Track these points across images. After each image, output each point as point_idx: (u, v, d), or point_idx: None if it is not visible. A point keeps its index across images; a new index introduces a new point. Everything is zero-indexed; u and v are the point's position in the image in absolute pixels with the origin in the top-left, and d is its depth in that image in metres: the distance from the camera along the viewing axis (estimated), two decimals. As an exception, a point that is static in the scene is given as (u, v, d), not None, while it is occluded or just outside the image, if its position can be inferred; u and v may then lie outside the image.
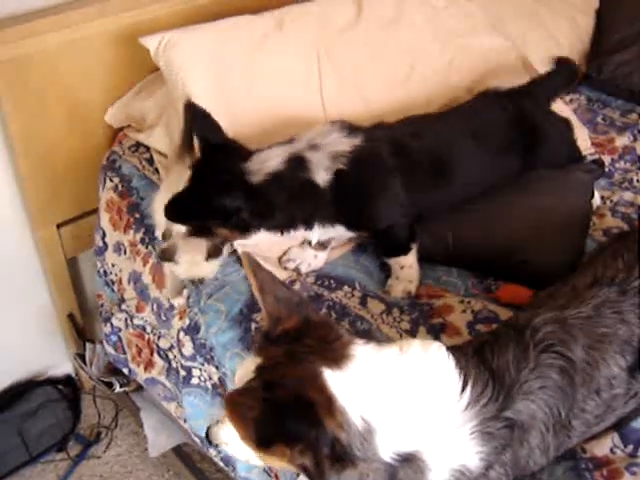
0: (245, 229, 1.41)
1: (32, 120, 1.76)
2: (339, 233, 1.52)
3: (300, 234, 1.48)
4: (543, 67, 1.98)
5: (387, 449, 0.91)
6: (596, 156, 1.88)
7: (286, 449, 0.89)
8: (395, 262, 1.53)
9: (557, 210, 1.58)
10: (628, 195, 1.76)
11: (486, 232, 1.57)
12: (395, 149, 1.48)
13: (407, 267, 1.53)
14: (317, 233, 1.50)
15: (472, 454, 0.96)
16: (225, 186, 1.37)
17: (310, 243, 1.58)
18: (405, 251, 1.52)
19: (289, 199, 1.40)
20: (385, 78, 1.80)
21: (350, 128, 1.48)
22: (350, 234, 1.54)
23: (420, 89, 1.82)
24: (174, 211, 1.38)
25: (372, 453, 0.91)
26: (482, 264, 1.57)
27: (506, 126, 1.62)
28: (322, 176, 1.41)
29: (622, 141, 1.97)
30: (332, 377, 0.91)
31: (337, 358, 0.92)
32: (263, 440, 0.90)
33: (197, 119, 1.45)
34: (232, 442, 1.03)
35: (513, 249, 1.53)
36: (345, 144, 1.44)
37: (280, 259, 1.61)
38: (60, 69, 1.75)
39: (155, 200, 1.59)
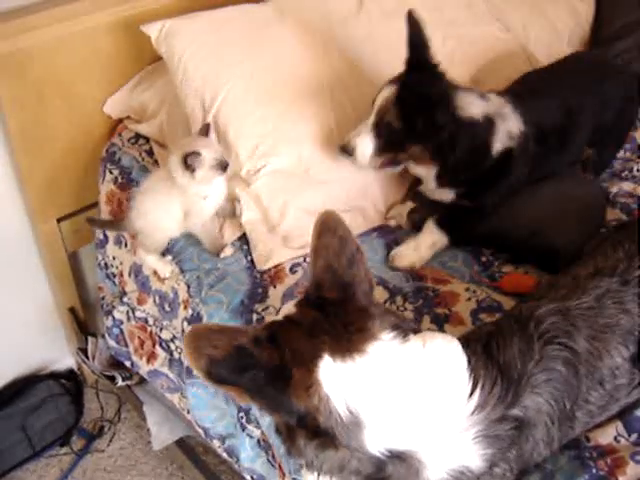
0: (437, 155, 1.47)
1: (31, 114, 1.76)
2: (446, 196, 1.57)
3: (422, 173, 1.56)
4: (544, 56, 1.97)
5: (377, 444, 0.91)
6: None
7: (245, 395, 0.91)
8: (430, 233, 1.56)
9: (579, 196, 1.61)
10: (628, 185, 1.75)
11: (512, 211, 1.58)
12: (538, 135, 1.54)
13: (433, 244, 1.55)
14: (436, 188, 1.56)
15: (475, 456, 0.95)
16: (438, 100, 1.42)
17: (413, 199, 1.64)
18: (454, 232, 1.56)
19: (470, 150, 1.46)
20: (387, 68, 1.78)
21: (514, 103, 1.53)
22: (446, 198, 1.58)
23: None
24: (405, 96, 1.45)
25: (358, 444, 0.91)
26: (502, 242, 1.58)
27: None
28: (497, 147, 1.48)
29: (622, 130, 1.95)
30: (329, 365, 0.90)
31: (348, 349, 0.91)
32: (214, 377, 0.90)
33: (412, 31, 1.48)
34: None
35: (535, 230, 1.54)
36: (516, 124, 1.50)
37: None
38: (58, 62, 1.74)
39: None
